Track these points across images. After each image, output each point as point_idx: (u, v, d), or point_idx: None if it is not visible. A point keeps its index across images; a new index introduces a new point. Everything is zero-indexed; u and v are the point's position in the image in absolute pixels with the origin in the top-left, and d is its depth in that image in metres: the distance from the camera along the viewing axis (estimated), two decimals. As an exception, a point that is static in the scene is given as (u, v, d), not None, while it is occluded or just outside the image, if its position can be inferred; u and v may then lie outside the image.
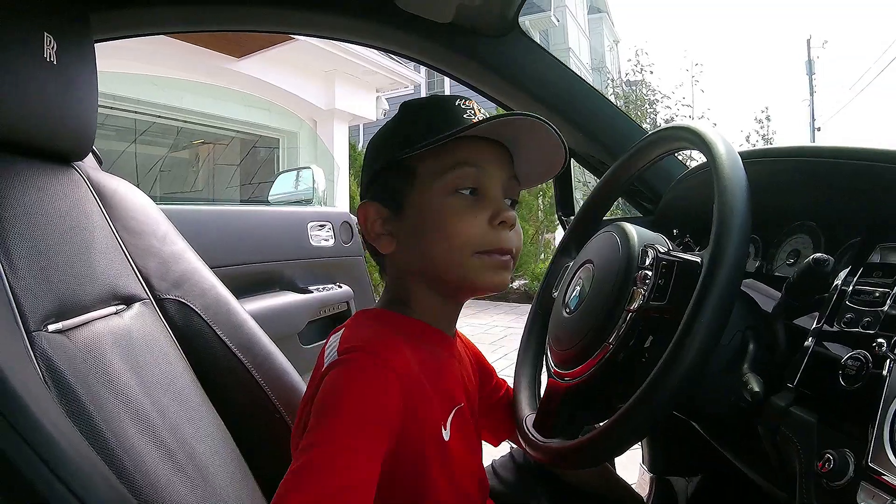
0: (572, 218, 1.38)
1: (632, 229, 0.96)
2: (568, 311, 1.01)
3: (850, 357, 0.78)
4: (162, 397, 0.89)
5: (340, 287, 2.94)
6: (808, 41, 23.81)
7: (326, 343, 0.87)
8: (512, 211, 0.91)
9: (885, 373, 0.73)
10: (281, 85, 7.74)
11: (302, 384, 1.17)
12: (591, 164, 1.60)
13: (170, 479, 0.79)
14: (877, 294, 0.82)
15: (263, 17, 1.35)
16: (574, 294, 1.02)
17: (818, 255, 0.85)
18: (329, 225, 2.99)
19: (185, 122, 7.41)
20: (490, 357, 1.18)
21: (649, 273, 0.88)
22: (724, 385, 0.88)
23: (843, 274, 0.89)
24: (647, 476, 1.71)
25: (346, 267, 3.01)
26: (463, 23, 1.35)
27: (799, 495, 0.77)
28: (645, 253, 0.91)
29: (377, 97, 9.45)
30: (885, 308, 0.79)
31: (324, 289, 2.86)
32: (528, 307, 1.24)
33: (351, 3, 1.32)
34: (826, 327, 0.85)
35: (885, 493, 0.67)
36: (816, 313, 0.88)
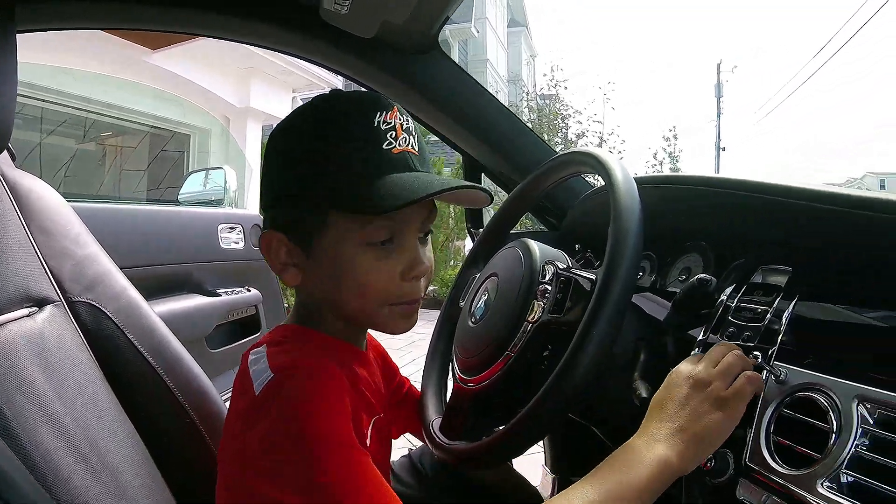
0: (481, 230, 1.43)
1: (535, 246, 1.01)
2: (473, 320, 1.06)
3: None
4: (75, 401, 0.88)
5: (249, 291, 2.91)
6: (719, 65, 24.88)
7: (245, 362, 0.84)
8: (425, 261, 0.89)
9: (762, 382, 0.82)
10: (195, 80, 7.52)
11: (212, 388, 1.17)
12: (501, 181, 1.66)
13: (85, 484, 0.78)
14: (758, 311, 0.91)
15: (189, 20, 1.34)
16: (480, 305, 1.07)
17: (702, 275, 0.95)
18: (239, 227, 2.96)
19: (92, 112, 7.12)
20: (398, 363, 1.22)
21: (549, 288, 0.94)
22: (617, 391, 0.95)
23: (728, 291, 0.97)
24: (550, 477, 1.78)
25: (256, 270, 2.98)
26: (386, 39, 1.37)
27: (686, 492, 0.85)
28: (546, 269, 0.96)
29: (293, 97, 9.33)
30: (764, 323, 0.88)
31: (233, 292, 2.82)
32: (436, 313, 1.28)
33: (276, 13, 1.33)
34: (711, 338, 0.94)
35: (761, 489, 0.76)
36: (704, 325, 0.97)
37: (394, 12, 1.28)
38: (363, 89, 1.15)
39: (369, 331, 1.03)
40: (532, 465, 1.67)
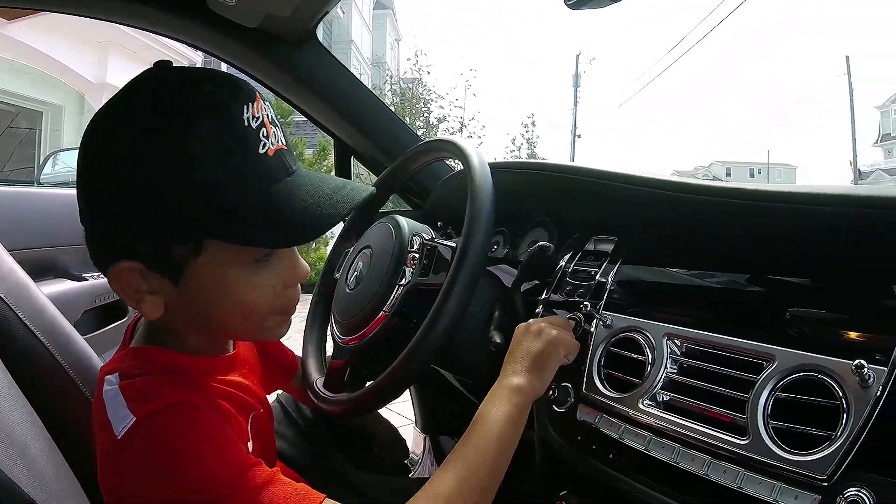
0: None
1: (403, 221, 1.15)
2: (349, 288, 1.18)
3: (569, 318, 1.06)
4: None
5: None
6: (578, 56, 25.73)
7: (100, 387, 0.79)
8: (304, 266, 0.87)
9: (592, 328, 1.02)
10: (51, 53, 7.11)
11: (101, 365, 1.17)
12: (370, 164, 1.78)
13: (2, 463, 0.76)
14: (590, 272, 1.11)
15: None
16: (355, 274, 1.19)
17: (542, 243, 1.16)
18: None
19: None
20: None
21: (417, 256, 1.08)
22: (477, 343, 1.11)
23: (566, 258, 1.17)
24: (422, 437, 1.95)
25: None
26: (268, 29, 1.45)
27: (537, 420, 1.04)
28: (414, 240, 1.11)
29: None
30: (594, 283, 1.08)
31: (99, 276, 2.77)
32: (304, 296, 1.38)
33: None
34: (553, 297, 1.14)
35: (596, 410, 0.95)
36: (546, 286, 1.17)
37: (278, 6, 1.37)
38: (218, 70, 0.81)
39: None
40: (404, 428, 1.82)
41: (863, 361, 0.70)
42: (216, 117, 0.72)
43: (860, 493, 0.66)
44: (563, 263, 1.17)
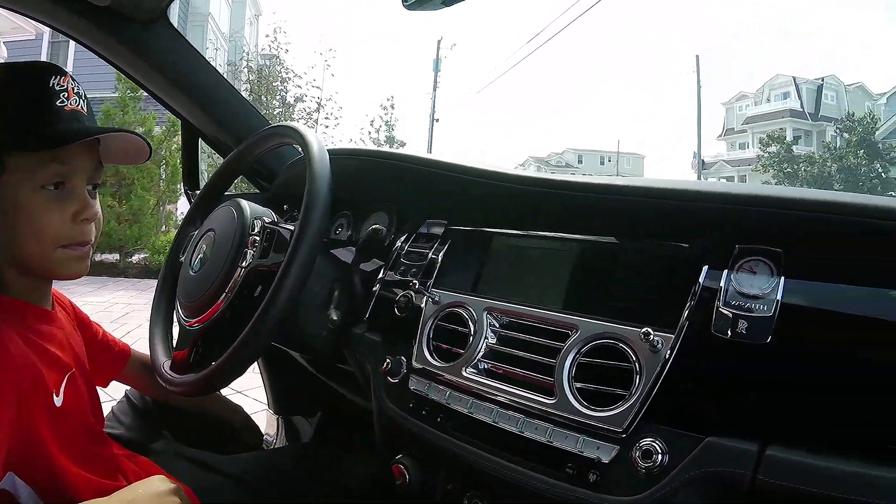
0: (198, 192, 1.54)
1: (246, 204, 1.18)
2: (193, 271, 1.20)
3: (402, 296, 1.14)
4: None
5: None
6: (439, 42, 25.64)
7: None
8: (94, 206, 0.98)
9: (422, 305, 1.11)
10: None
11: None
12: (217, 146, 1.78)
13: None
14: (424, 253, 1.19)
15: None
16: (199, 257, 1.21)
17: (376, 226, 1.26)
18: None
19: None
20: (116, 335, 1.34)
21: (258, 238, 1.12)
22: (318, 321, 1.18)
23: (402, 239, 1.25)
24: (275, 418, 1.98)
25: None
26: (118, 8, 1.42)
27: (374, 390, 1.12)
28: (255, 223, 1.14)
29: (-2, 41, 8.35)
30: (425, 262, 1.17)
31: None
32: (148, 282, 1.40)
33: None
34: (389, 277, 1.22)
35: (425, 378, 1.04)
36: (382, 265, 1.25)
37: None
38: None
39: (65, 297, 1.13)
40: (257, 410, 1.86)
41: (649, 329, 0.82)
42: (31, 77, 0.96)
43: (653, 443, 0.78)
44: (399, 244, 1.25)
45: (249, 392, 3.03)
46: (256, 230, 1.13)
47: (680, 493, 0.74)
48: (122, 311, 6.31)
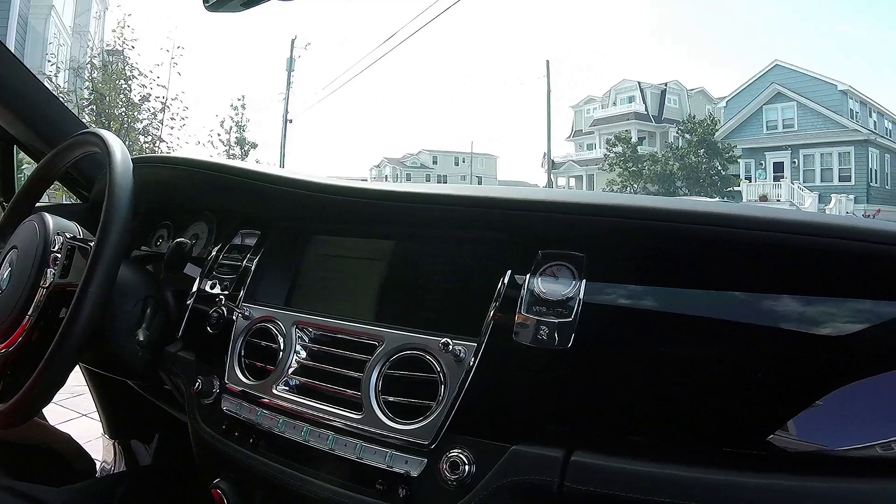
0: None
1: (49, 219, 1.11)
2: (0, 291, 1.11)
3: (213, 311, 1.09)
4: None
5: None
6: (293, 41, 25.12)
7: None
8: None
9: (234, 319, 1.05)
10: None
11: None
12: (32, 153, 1.67)
13: None
14: (236, 265, 1.14)
15: None
16: (4, 276, 1.13)
17: (180, 239, 1.21)
18: None
19: None
20: None
21: (59, 255, 1.05)
22: (131, 341, 1.11)
23: (216, 250, 1.20)
24: (110, 442, 1.86)
25: None
26: None
27: (189, 413, 1.06)
28: (56, 239, 1.07)
29: None
30: (237, 274, 1.13)
31: None
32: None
33: None
34: (202, 291, 1.16)
35: (237, 398, 1.00)
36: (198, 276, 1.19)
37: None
38: None
39: None
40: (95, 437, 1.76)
41: (448, 339, 0.82)
42: None
43: (460, 455, 0.77)
44: (215, 254, 1.20)
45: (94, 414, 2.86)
46: (58, 247, 1.06)
47: (490, 504, 0.74)
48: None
